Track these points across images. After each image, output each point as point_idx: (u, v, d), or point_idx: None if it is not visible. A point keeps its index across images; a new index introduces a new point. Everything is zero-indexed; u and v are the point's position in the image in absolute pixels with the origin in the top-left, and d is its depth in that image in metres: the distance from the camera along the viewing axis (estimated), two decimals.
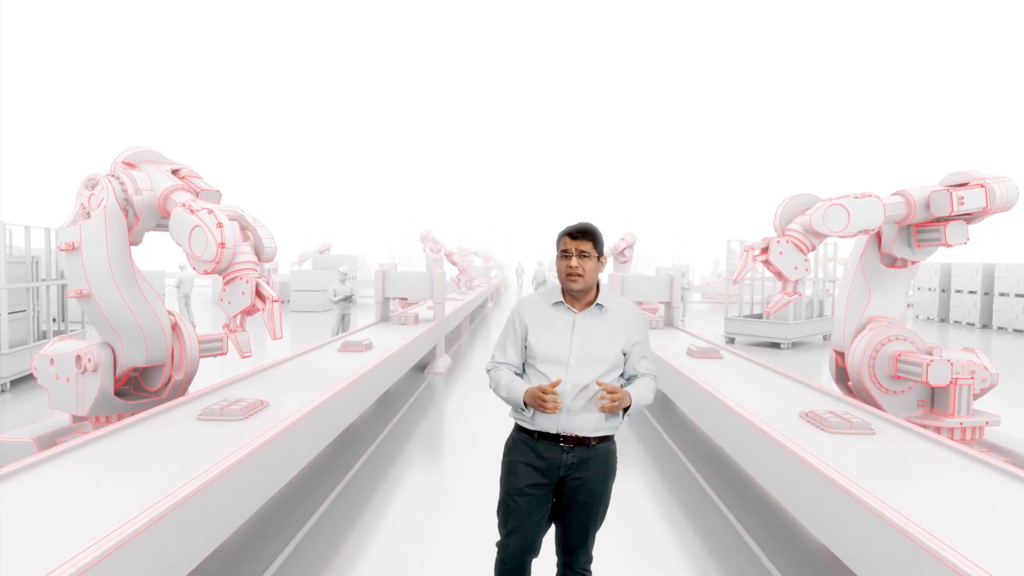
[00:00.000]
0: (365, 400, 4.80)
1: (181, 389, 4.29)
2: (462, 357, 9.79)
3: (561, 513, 2.06)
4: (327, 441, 3.88)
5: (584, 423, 1.97)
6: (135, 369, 4.29)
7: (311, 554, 3.12)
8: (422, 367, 8.39)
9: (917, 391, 4.24)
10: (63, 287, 8.77)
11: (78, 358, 3.98)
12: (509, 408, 2.09)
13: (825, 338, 12.03)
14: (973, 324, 14.87)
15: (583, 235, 2.02)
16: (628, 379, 2.13)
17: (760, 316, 11.98)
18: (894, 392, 4.23)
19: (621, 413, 1.99)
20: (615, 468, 2.08)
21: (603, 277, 10.45)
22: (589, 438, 1.98)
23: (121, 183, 4.00)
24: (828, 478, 2.49)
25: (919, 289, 16.97)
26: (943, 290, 16.14)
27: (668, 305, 8.33)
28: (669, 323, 8.29)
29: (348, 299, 9.40)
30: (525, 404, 1.96)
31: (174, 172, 4.21)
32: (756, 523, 3.58)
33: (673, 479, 4.32)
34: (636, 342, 2.08)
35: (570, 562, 2.10)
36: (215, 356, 4.67)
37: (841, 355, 4.62)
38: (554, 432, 1.98)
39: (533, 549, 2.06)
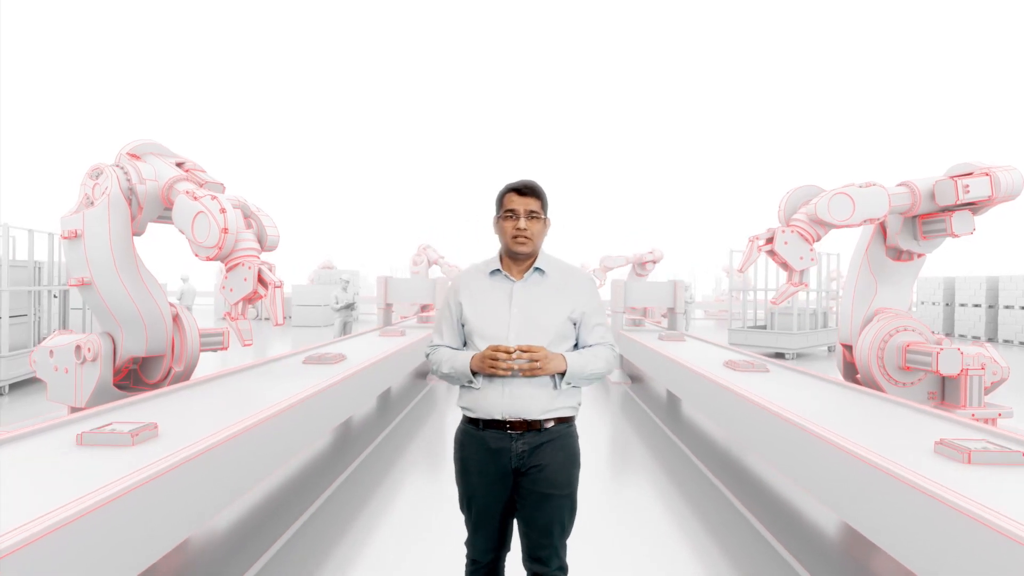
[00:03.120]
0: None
1: (181, 382, 4.24)
2: None
3: (522, 512, 1.81)
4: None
5: (530, 404, 1.75)
6: (135, 361, 4.25)
7: (306, 552, 3.03)
8: (423, 374, 8.32)
9: (927, 383, 4.17)
10: (65, 293, 8.75)
11: (78, 348, 3.94)
12: (457, 397, 1.90)
13: (830, 349, 11.95)
14: (979, 337, 14.76)
15: (532, 192, 1.80)
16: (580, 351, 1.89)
17: (764, 327, 11.92)
18: (903, 384, 4.17)
19: (557, 380, 1.76)
20: (578, 456, 1.84)
21: (607, 283, 10.38)
22: (539, 421, 1.76)
23: (125, 173, 4.00)
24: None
25: (922, 303, 16.91)
26: (947, 304, 16.06)
27: (672, 311, 8.29)
28: (672, 328, 8.24)
29: (350, 306, 9.38)
30: (474, 373, 1.75)
31: (178, 165, 4.23)
32: (771, 517, 3.49)
33: (681, 480, 4.15)
34: (584, 311, 1.85)
35: (542, 572, 1.82)
36: (216, 351, 4.64)
37: (848, 348, 4.57)
38: (499, 418, 1.75)
39: (504, 544, 1.87)
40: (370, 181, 37.98)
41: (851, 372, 4.56)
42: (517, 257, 1.84)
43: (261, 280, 3.73)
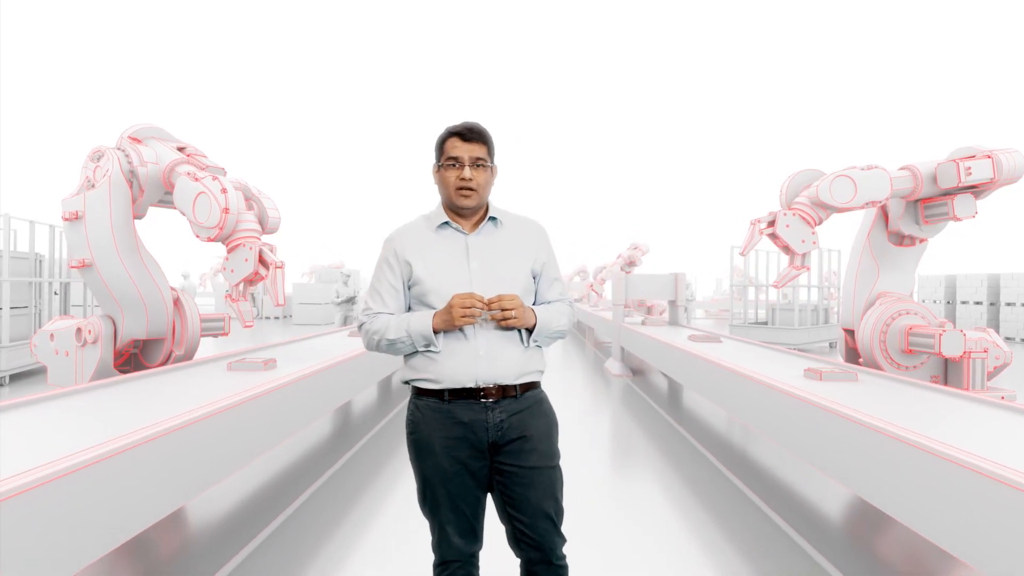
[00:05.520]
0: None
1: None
2: None
3: (508, 494, 1.59)
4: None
5: (507, 368, 1.57)
6: (135, 345, 4.24)
7: (301, 539, 3.01)
8: None
9: (930, 366, 4.16)
10: (66, 288, 8.75)
11: (78, 330, 3.94)
12: (401, 371, 1.70)
13: (831, 345, 11.94)
14: None
15: (478, 137, 1.60)
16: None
17: (765, 323, 11.92)
18: (906, 367, 4.15)
19: (525, 337, 1.60)
20: (556, 422, 1.69)
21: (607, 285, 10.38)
22: (514, 386, 1.59)
23: (127, 155, 4.01)
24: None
25: (924, 301, 16.89)
26: (948, 302, 16.04)
27: (673, 304, 8.28)
28: (674, 322, 8.23)
29: (351, 300, 9.38)
30: (436, 332, 1.55)
31: (180, 150, 4.23)
32: (777, 501, 3.46)
33: (686, 469, 4.08)
34: (544, 261, 1.70)
35: (545, 559, 1.61)
36: (216, 336, 4.63)
37: (850, 333, 4.56)
38: (472, 385, 1.55)
39: (478, 537, 1.63)
40: (370, 182, 38.03)
41: (853, 357, 4.55)
42: (462, 211, 1.65)
43: (262, 261, 3.73)
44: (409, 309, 1.66)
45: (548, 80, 40.41)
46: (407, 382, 1.65)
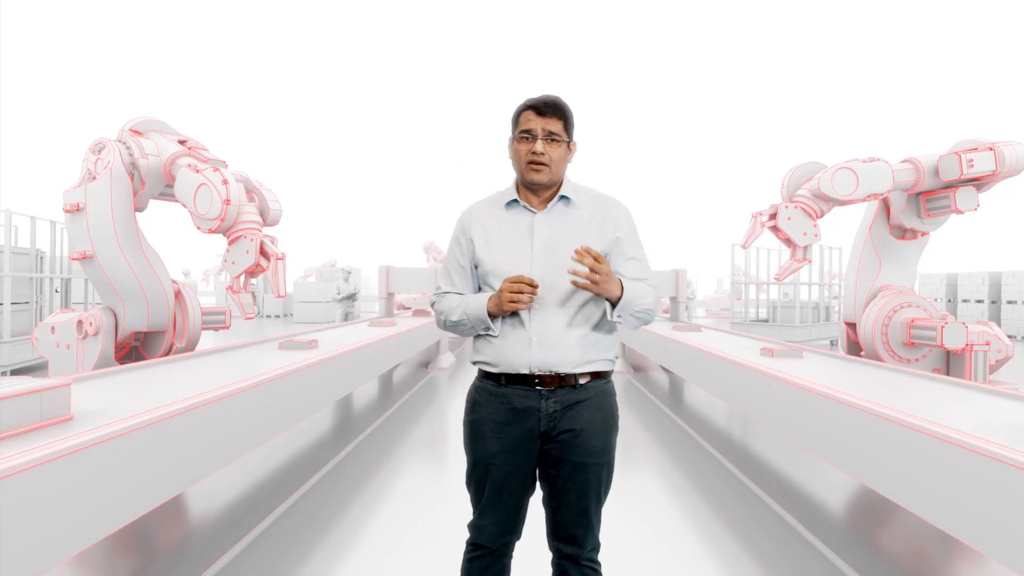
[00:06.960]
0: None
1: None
2: (466, 358, 9.69)
3: (551, 484, 1.55)
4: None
5: (563, 355, 1.49)
6: (136, 337, 4.24)
7: (299, 532, 3.00)
8: (425, 364, 8.30)
9: (932, 359, 4.16)
10: (67, 285, 8.76)
11: (79, 323, 3.94)
12: (470, 351, 1.66)
13: (832, 343, 11.94)
14: None
15: (554, 111, 1.53)
16: None
17: (766, 321, 11.92)
18: (908, 360, 4.15)
19: (608, 310, 1.50)
20: (616, 418, 1.59)
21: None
22: (573, 375, 1.51)
23: (128, 148, 4.00)
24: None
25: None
26: (949, 300, 16.03)
27: (675, 300, 8.28)
28: (675, 318, 8.23)
29: (352, 297, 9.38)
30: (492, 317, 1.51)
31: (181, 143, 4.22)
32: (780, 493, 3.46)
33: (687, 462, 4.06)
34: (618, 237, 1.58)
35: (574, 554, 1.55)
36: (217, 329, 4.63)
37: (852, 327, 4.55)
38: (526, 372, 1.49)
39: (515, 529, 1.58)
40: (371, 181, 38.05)
41: (855, 350, 4.55)
42: (534, 186, 1.57)
43: (263, 252, 3.73)
44: (480, 288, 1.62)
45: (548, 79, 40.43)
46: (474, 362, 1.62)
